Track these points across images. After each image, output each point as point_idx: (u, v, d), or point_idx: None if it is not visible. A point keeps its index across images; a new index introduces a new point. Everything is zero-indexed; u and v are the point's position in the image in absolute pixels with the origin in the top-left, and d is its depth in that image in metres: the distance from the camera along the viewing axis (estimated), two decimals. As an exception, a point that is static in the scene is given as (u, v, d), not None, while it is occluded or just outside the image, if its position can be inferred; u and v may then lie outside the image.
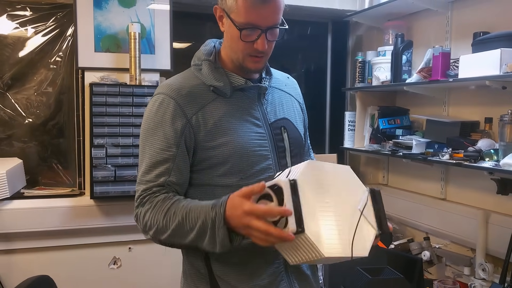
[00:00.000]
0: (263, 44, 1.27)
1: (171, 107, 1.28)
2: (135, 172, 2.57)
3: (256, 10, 1.22)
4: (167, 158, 1.26)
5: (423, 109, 2.76)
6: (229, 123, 1.30)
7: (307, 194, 1.08)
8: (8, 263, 2.55)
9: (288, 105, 1.48)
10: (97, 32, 2.64)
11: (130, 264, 2.76)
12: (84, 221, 2.63)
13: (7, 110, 2.75)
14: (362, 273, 1.83)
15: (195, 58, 1.39)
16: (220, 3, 1.30)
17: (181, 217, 1.19)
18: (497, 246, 2.17)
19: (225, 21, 1.30)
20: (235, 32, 1.26)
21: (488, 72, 2.00)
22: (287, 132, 1.41)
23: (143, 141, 1.31)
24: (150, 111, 1.31)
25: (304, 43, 3.51)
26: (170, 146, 1.27)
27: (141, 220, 1.26)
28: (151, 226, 1.24)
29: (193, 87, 1.32)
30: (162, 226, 1.22)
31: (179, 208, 1.21)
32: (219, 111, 1.31)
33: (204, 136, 1.28)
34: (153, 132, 1.29)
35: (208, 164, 1.30)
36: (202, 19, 3.15)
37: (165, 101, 1.29)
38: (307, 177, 1.11)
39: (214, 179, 1.30)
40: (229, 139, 1.29)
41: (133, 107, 2.58)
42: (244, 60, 1.31)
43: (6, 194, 2.47)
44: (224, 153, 1.28)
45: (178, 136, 1.27)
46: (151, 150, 1.28)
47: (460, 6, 2.51)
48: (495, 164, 2.01)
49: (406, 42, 2.63)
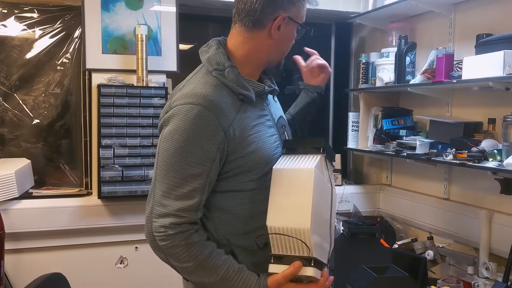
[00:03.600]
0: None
1: (209, 121, 1.23)
2: (142, 172, 2.60)
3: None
4: (201, 173, 1.23)
5: (426, 110, 2.78)
6: (255, 130, 1.32)
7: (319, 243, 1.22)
8: (17, 263, 2.57)
9: (277, 102, 1.54)
10: (105, 34, 2.67)
11: (137, 263, 2.79)
12: (92, 221, 2.65)
13: (15, 111, 2.78)
14: (367, 272, 1.85)
15: (213, 63, 1.33)
16: (285, 10, 1.35)
17: (218, 278, 1.24)
18: (501, 245, 2.20)
19: (285, 27, 1.36)
20: (294, 33, 1.41)
21: (492, 74, 2.03)
22: (285, 130, 1.48)
23: (173, 153, 1.23)
24: (183, 121, 1.23)
25: (307, 44, 3.52)
26: (207, 161, 1.23)
27: (167, 247, 1.23)
28: (178, 260, 1.24)
29: (224, 96, 1.28)
30: (192, 271, 1.25)
31: (218, 267, 1.25)
32: (248, 119, 1.31)
33: (236, 146, 1.28)
34: (187, 144, 1.22)
35: (235, 172, 1.30)
36: (206, 20, 3.19)
37: (202, 113, 1.23)
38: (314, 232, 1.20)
39: (238, 185, 1.31)
40: (256, 147, 1.31)
41: (140, 108, 2.61)
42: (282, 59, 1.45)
43: (15, 194, 2.49)
44: (252, 161, 1.30)
45: (216, 150, 1.24)
46: (184, 163, 1.22)
47: (463, 8, 2.54)
48: (499, 164, 2.03)
49: (409, 43, 2.66)
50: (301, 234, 1.16)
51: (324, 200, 1.27)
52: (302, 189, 1.19)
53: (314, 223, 1.18)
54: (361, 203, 3.13)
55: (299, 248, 1.17)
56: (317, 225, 1.21)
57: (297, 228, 1.16)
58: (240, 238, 1.33)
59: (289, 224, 1.17)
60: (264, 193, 1.29)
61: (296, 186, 1.21)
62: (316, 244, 1.19)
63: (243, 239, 1.32)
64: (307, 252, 1.17)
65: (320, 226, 1.23)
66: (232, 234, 1.33)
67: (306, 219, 1.16)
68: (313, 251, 1.17)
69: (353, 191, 3.17)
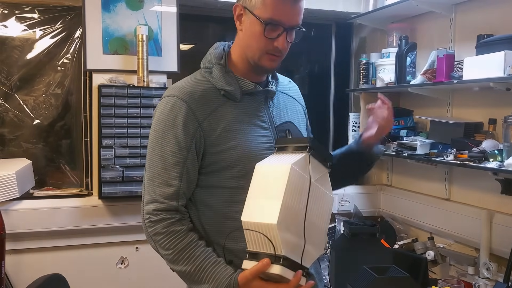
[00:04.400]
0: (284, 42, 1.30)
1: (183, 111, 1.29)
2: (142, 172, 2.55)
3: (284, 7, 1.26)
4: (178, 161, 1.29)
5: (427, 110, 2.79)
6: (238, 127, 1.33)
7: (292, 241, 1.18)
8: (17, 263, 2.57)
9: (292, 108, 1.51)
10: (105, 35, 2.67)
11: (137, 263, 2.79)
12: (92, 221, 2.65)
13: (15, 111, 2.78)
14: (368, 272, 1.85)
15: (205, 61, 1.39)
16: (242, 1, 1.31)
17: (193, 268, 1.26)
18: (501, 245, 2.20)
19: (245, 19, 1.32)
20: (257, 28, 1.28)
21: (492, 74, 2.03)
22: (291, 135, 1.45)
23: (153, 143, 1.32)
24: (161, 113, 1.32)
25: (308, 45, 3.54)
26: (182, 150, 1.29)
27: (151, 233, 1.29)
28: (161, 247, 1.29)
29: (204, 90, 1.33)
30: (172, 259, 1.28)
31: (194, 257, 1.26)
32: (229, 115, 1.33)
33: (214, 140, 1.30)
34: (164, 134, 1.30)
35: (217, 167, 1.32)
36: (206, 20, 3.18)
37: (177, 104, 1.30)
38: (284, 230, 1.16)
39: (222, 181, 1.33)
40: (238, 142, 1.31)
41: (141, 108, 2.61)
42: (261, 58, 1.32)
43: (16, 195, 2.50)
44: (233, 157, 1.31)
45: (190, 140, 1.29)
46: (162, 152, 1.30)
47: (463, 9, 2.54)
48: (499, 165, 2.03)
49: (410, 44, 2.66)
50: (269, 230, 1.14)
51: (303, 199, 1.21)
52: (276, 186, 1.17)
53: (286, 220, 1.15)
54: (361, 204, 3.13)
55: (269, 245, 1.15)
56: (292, 223, 1.17)
57: (265, 223, 1.14)
58: (221, 236, 1.33)
59: (260, 219, 1.16)
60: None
61: (272, 183, 1.19)
62: (289, 243, 1.16)
63: (222, 238, 1.32)
64: (273, 250, 1.14)
65: (297, 225, 1.19)
66: (215, 231, 1.34)
67: (274, 215, 1.13)
68: (281, 249, 1.13)
69: (354, 191, 3.16)
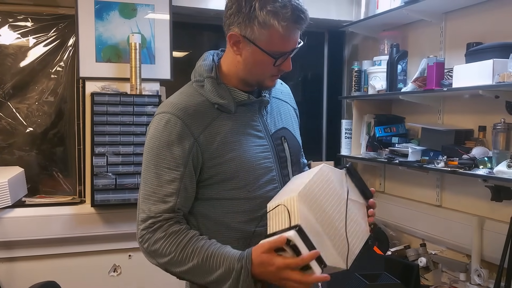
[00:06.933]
0: (290, 64, 1.34)
1: (178, 127, 1.27)
2: (135, 180, 2.60)
3: (292, 38, 1.29)
4: (174, 178, 1.27)
5: (418, 117, 2.81)
6: (234, 138, 1.32)
7: (313, 225, 1.16)
8: (10, 271, 2.56)
9: (286, 113, 1.51)
10: (98, 43, 2.68)
11: (130, 271, 2.78)
12: (85, 229, 2.65)
13: (8, 119, 2.78)
14: (360, 279, 1.86)
15: (196, 74, 1.37)
16: (239, 31, 1.26)
17: (202, 258, 1.23)
18: (492, 251, 2.22)
19: (245, 47, 1.28)
20: (263, 58, 1.27)
21: (481, 82, 2.05)
22: (287, 141, 1.44)
23: (148, 161, 1.30)
24: (155, 130, 1.30)
25: (301, 52, 3.55)
26: (178, 166, 1.27)
27: (150, 246, 1.26)
28: (163, 255, 1.25)
29: (198, 105, 1.31)
30: (177, 260, 1.25)
31: (199, 248, 1.24)
32: (225, 127, 1.32)
33: (211, 154, 1.29)
34: (158, 152, 1.28)
35: (216, 180, 1.31)
36: (200, 28, 3.20)
37: (172, 120, 1.28)
38: (305, 207, 1.16)
39: (221, 193, 1.32)
40: (236, 154, 1.31)
41: (133, 116, 2.63)
42: (265, 81, 1.34)
43: (8, 203, 2.49)
44: (231, 169, 1.30)
45: (186, 155, 1.27)
46: (157, 169, 1.28)
47: (453, 17, 2.57)
48: (489, 172, 2.05)
49: (401, 52, 2.68)
50: (290, 204, 1.16)
51: (332, 202, 1.24)
52: (307, 177, 1.24)
53: (309, 201, 1.17)
54: (354, 210, 3.13)
55: (288, 222, 1.15)
56: (316, 212, 1.18)
57: (287, 198, 1.17)
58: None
59: (283, 198, 1.19)
60: (249, 203, 1.31)
61: (305, 177, 1.26)
62: (308, 221, 1.15)
63: None
64: (293, 222, 1.13)
65: (324, 220, 1.20)
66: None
67: (297, 190, 1.17)
68: (298, 219, 1.13)
69: (347, 198, 3.17)
